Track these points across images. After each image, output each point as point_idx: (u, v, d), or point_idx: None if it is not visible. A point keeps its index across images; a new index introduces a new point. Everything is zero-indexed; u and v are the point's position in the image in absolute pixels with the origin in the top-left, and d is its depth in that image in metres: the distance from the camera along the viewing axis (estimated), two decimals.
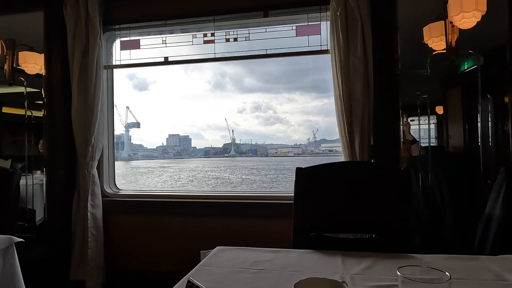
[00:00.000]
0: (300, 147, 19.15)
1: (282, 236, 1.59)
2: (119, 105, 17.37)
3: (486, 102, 2.42)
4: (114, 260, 2.63)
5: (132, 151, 19.62)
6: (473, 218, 1.92)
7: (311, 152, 17.98)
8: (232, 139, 20.37)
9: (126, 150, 18.94)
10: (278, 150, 20.64)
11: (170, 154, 20.44)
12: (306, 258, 1.12)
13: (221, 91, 41.90)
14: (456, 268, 0.95)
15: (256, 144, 21.63)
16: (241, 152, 20.31)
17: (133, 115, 18.05)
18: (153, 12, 2.61)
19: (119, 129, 18.21)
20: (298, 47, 2.45)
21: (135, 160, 19.62)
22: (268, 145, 21.70)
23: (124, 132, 18.12)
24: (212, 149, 21.15)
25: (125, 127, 17.78)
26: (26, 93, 2.86)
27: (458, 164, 2.47)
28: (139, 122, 18.27)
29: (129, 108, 17.80)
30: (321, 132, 22.24)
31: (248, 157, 20.16)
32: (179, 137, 21.25)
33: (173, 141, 20.89)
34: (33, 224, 2.80)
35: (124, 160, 18.85)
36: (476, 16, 1.98)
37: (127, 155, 18.96)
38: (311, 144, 18.47)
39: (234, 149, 19.95)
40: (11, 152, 3.16)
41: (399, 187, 1.38)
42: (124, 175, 14.94)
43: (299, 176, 1.44)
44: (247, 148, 20.75)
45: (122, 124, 17.62)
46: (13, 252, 1.41)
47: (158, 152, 20.62)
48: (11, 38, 2.79)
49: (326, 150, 16.72)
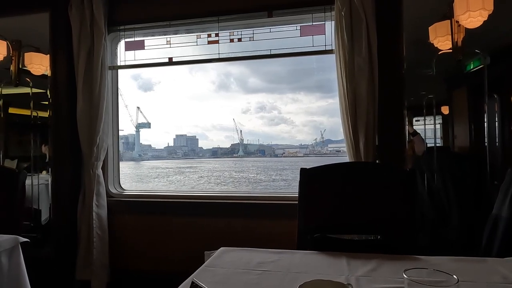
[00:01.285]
0: (308, 148, 19.10)
1: (287, 237, 1.59)
2: (130, 106, 17.42)
3: (493, 102, 2.40)
4: (119, 260, 2.64)
5: (142, 151, 19.68)
6: (480, 219, 1.90)
7: (318, 152, 17.91)
8: (240, 139, 20.40)
9: (137, 150, 19.01)
10: (285, 150, 20.57)
11: (178, 154, 20.46)
12: (311, 260, 1.11)
13: (225, 92, 41.96)
14: (463, 271, 0.94)
15: (263, 144, 21.63)
16: (249, 152, 20.30)
17: (143, 116, 18.21)
18: (158, 13, 2.61)
19: (128, 129, 18.29)
20: (302, 47, 2.44)
21: (145, 160, 19.61)
22: (274, 145, 21.69)
23: (135, 133, 18.23)
24: (220, 149, 21.16)
25: (135, 128, 17.88)
26: (32, 93, 2.88)
27: (464, 164, 2.45)
28: (150, 122, 18.44)
29: (139, 109, 17.91)
30: (325, 132, 22.15)
31: (258, 157, 20.09)
32: (186, 137, 21.31)
33: (180, 141, 20.94)
34: (38, 224, 2.82)
35: (135, 160, 18.87)
36: (482, 15, 1.96)
37: (137, 155, 19.02)
38: (318, 144, 18.43)
39: (242, 150, 19.94)
40: (17, 152, 3.19)
41: (404, 188, 1.37)
42: (147, 176, 14.65)
43: (303, 176, 1.43)
44: (254, 148, 20.74)
45: (133, 124, 17.73)
46: (18, 252, 1.42)
47: (166, 152, 20.65)
48: (17, 40, 2.82)
49: (334, 150, 16.61)
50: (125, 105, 17.19)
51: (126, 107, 17.20)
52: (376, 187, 1.40)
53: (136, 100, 18.41)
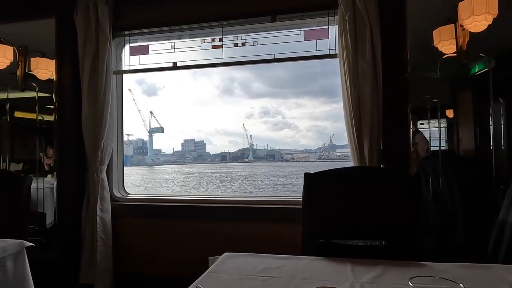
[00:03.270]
0: (317, 152, 18.99)
1: (291, 241, 1.58)
2: (143, 110, 17.25)
3: (498, 105, 2.38)
4: (122, 264, 2.64)
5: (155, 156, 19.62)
6: (486, 224, 1.88)
7: (326, 157, 17.80)
8: (250, 144, 20.29)
9: (150, 155, 18.92)
10: (294, 155, 20.42)
11: (188, 159, 20.39)
12: (315, 266, 1.11)
13: (229, 96, 41.97)
14: (469, 278, 0.93)
15: (273, 149, 21.47)
16: (259, 157, 20.20)
17: (156, 120, 18.11)
18: (162, 18, 2.63)
19: (138, 134, 18.24)
20: (306, 52, 2.45)
21: (159, 165, 19.38)
22: (282, 150, 21.54)
23: (148, 137, 18.18)
24: (229, 154, 21.07)
25: (149, 132, 17.84)
26: (38, 98, 2.91)
27: (470, 168, 2.43)
28: (163, 127, 18.34)
29: (152, 113, 17.84)
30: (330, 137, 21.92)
31: (269, 162, 19.87)
32: (194, 142, 21.27)
33: (189, 146, 20.89)
34: (43, 227, 2.84)
35: (148, 165, 18.67)
36: (487, 19, 1.95)
37: (150, 160, 18.92)
38: (327, 149, 18.33)
39: (252, 155, 19.86)
40: (22, 156, 3.21)
41: (408, 192, 1.37)
42: (183, 185, 13.15)
43: (307, 181, 1.43)
44: (263, 153, 20.64)
45: (146, 129, 17.69)
46: (23, 256, 1.43)
47: (175, 157, 20.59)
48: (23, 45, 2.86)
49: (342, 155, 16.43)
50: (138, 110, 17.23)
51: (139, 112, 17.25)
52: (381, 191, 1.40)
53: (140, 105, 18.42)
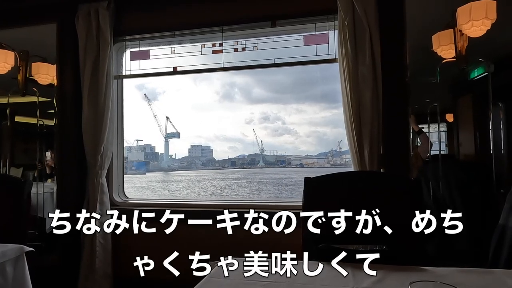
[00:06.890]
0: (326, 158, 18.86)
1: (291, 246, 1.57)
2: (159, 115, 17.04)
3: (498, 109, 2.39)
4: (122, 269, 2.63)
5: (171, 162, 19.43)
6: (486, 228, 1.87)
7: (334, 162, 17.68)
8: (261, 150, 20.02)
9: (166, 160, 18.66)
10: (302, 160, 20.23)
11: (197, 164, 20.21)
12: (316, 270, 1.10)
13: (229, 102, 41.91)
14: (470, 283, 0.92)
15: (280, 155, 21.26)
16: (269, 163, 20.02)
17: (172, 125, 17.87)
18: (162, 23, 2.64)
19: (148, 139, 17.82)
20: (306, 56, 2.46)
21: (174, 171, 19.05)
22: (289, 156, 21.34)
23: (164, 143, 17.98)
24: (238, 160, 20.89)
25: (164, 137, 17.63)
26: (39, 102, 2.92)
27: (470, 172, 2.43)
28: (179, 132, 18.10)
29: (168, 118, 17.66)
30: (329, 142, 21.76)
31: (282, 167, 19.53)
32: (202, 147, 21.11)
33: (196, 151, 20.73)
34: (43, 232, 2.82)
35: (164, 171, 18.39)
36: (485, 24, 1.96)
37: (166, 166, 18.68)
38: (335, 154, 18.22)
39: (262, 160, 19.68)
40: (23, 160, 3.21)
41: (409, 197, 1.37)
42: None
43: (308, 185, 1.43)
44: (272, 159, 20.43)
45: (162, 134, 17.47)
46: (23, 261, 1.43)
47: (185, 163, 20.35)
48: (24, 50, 2.87)
49: (351, 161, 16.27)
50: (154, 115, 17.10)
51: (155, 117, 17.11)
52: (381, 196, 1.39)
53: (141, 110, 18.29)
